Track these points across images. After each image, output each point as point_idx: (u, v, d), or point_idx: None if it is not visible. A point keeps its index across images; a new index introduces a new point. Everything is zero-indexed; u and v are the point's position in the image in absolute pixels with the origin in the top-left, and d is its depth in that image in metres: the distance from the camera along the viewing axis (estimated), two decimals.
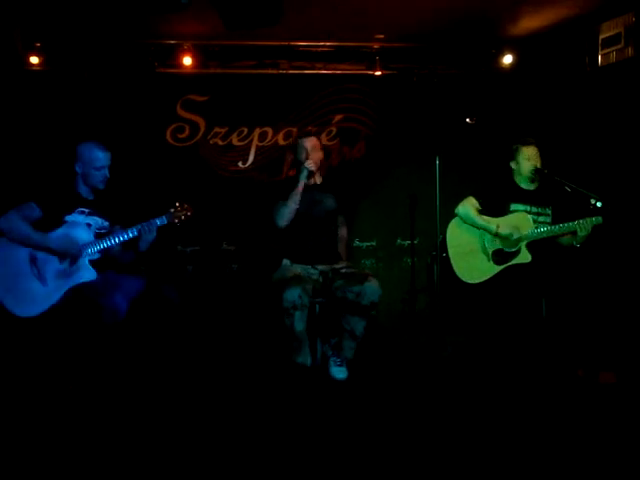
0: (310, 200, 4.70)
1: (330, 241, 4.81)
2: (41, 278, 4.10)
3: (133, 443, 3.33)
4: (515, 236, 4.62)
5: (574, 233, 4.54)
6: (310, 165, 4.66)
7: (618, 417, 3.70)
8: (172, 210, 4.36)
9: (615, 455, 3.14)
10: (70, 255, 4.14)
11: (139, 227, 4.25)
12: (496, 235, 4.66)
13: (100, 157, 4.32)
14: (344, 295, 4.47)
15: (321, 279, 4.63)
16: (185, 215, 4.38)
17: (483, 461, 3.09)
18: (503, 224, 4.67)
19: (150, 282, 4.50)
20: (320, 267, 4.67)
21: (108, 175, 4.36)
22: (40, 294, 4.08)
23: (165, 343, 5.11)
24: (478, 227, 4.73)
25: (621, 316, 4.94)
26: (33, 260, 4.11)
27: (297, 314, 4.33)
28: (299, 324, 4.36)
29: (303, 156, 4.75)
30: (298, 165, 4.80)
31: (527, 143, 4.79)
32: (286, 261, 4.72)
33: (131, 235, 4.26)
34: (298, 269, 4.57)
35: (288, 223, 4.66)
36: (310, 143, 4.82)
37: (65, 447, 3.26)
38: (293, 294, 4.30)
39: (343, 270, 4.65)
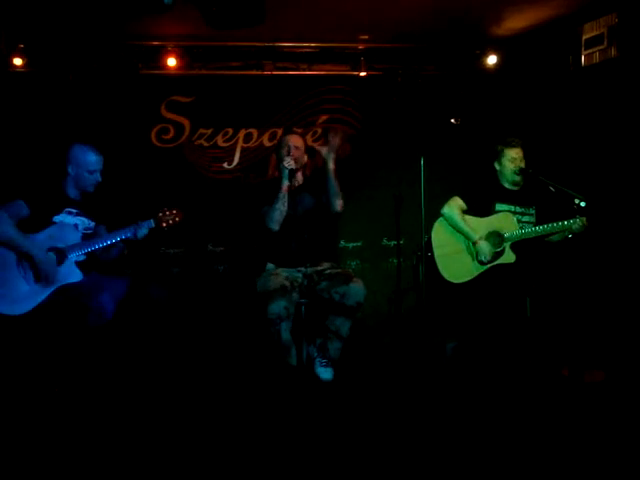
0: (290, 201, 4.70)
1: (313, 240, 4.79)
2: (27, 278, 4.09)
3: (119, 444, 3.32)
4: (488, 256, 4.64)
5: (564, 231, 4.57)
6: (289, 164, 4.63)
7: (604, 416, 3.72)
8: (160, 214, 4.36)
9: (601, 453, 3.16)
10: (42, 270, 4.09)
11: (121, 233, 4.26)
12: (475, 244, 4.68)
13: (93, 161, 4.35)
14: (330, 296, 4.48)
15: (305, 282, 4.63)
16: (173, 220, 4.38)
17: (468, 459, 3.10)
18: (487, 227, 4.70)
19: (135, 283, 4.49)
20: (304, 270, 4.67)
21: (100, 179, 4.38)
22: (26, 293, 4.08)
23: (151, 344, 5.10)
24: (461, 233, 4.75)
25: (606, 315, 4.97)
26: (20, 259, 4.10)
27: (283, 325, 4.38)
28: (285, 333, 4.41)
29: (284, 152, 4.74)
30: (280, 163, 4.79)
31: (511, 145, 4.80)
32: (270, 265, 4.73)
33: (110, 242, 4.27)
34: (283, 274, 4.55)
35: (280, 225, 4.66)
36: (292, 141, 4.82)
37: (48, 449, 3.25)
38: (279, 306, 4.33)
39: (327, 271, 4.65)
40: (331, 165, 4.67)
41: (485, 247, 4.66)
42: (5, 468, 3.04)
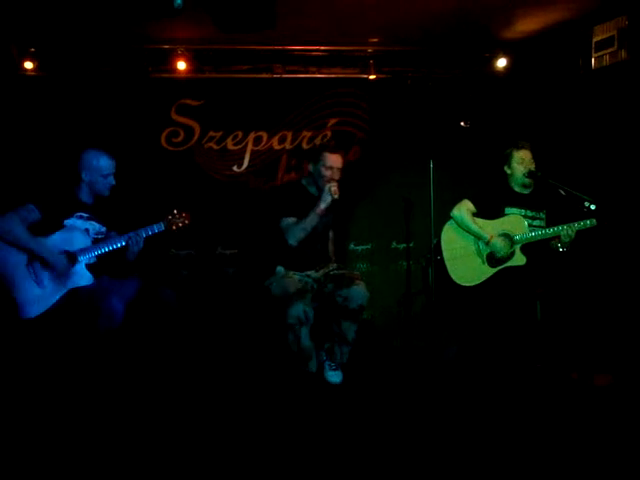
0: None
1: (324, 248, 4.81)
2: (38, 280, 4.12)
3: (129, 447, 3.33)
4: (505, 251, 4.63)
5: (558, 238, 4.54)
6: (336, 194, 4.48)
7: (613, 420, 3.71)
8: (170, 217, 4.38)
9: (610, 457, 3.15)
10: (57, 270, 4.14)
11: (127, 237, 4.28)
12: (487, 244, 4.67)
13: (106, 165, 4.39)
14: (333, 300, 4.47)
15: (316, 286, 4.62)
16: (183, 223, 4.40)
17: (478, 463, 3.10)
18: (497, 229, 4.69)
19: (144, 286, 4.50)
20: (314, 275, 4.67)
21: (114, 182, 4.41)
22: (37, 296, 4.11)
23: (160, 347, 5.11)
24: (472, 234, 4.74)
25: (616, 318, 4.95)
26: (30, 262, 4.12)
27: (303, 330, 4.33)
28: (306, 339, 4.36)
29: (327, 175, 4.60)
30: (316, 179, 4.67)
31: (520, 147, 4.80)
32: (280, 268, 4.67)
33: (120, 245, 4.29)
34: (295, 277, 4.52)
35: (299, 243, 4.60)
36: (335, 161, 4.65)
37: (59, 451, 3.26)
38: (298, 309, 4.29)
39: (332, 272, 4.65)
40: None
41: (500, 243, 4.65)
42: (15, 469, 3.06)
